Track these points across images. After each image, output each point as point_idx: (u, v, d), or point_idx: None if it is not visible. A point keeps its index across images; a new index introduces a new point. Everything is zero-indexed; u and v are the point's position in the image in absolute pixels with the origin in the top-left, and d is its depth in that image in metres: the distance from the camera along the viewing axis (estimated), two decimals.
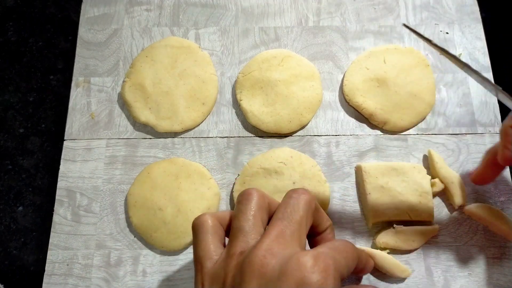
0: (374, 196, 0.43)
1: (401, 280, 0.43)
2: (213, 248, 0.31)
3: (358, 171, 0.46)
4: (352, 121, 0.48)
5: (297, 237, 0.30)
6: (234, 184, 0.45)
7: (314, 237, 0.35)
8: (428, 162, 0.46)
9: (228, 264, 0.29)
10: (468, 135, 0.48)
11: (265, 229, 0.31)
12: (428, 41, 0.38)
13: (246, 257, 0.28)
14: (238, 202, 0.32)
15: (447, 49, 0.50)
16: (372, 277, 0.43)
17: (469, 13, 0.52)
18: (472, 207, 0.43)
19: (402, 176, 0.44)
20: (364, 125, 0.48)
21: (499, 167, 0.41)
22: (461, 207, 0.44)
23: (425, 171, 0.45)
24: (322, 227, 0.34)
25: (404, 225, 0.43)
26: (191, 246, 0.44)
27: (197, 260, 0.31)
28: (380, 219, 0.43)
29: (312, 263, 0.27)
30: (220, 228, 0.33)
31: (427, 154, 0.47)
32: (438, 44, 0.38)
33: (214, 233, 0.32)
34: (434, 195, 0.44)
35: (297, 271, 0.26)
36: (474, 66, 0.50)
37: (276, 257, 0.27)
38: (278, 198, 0.43)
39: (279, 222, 0.30)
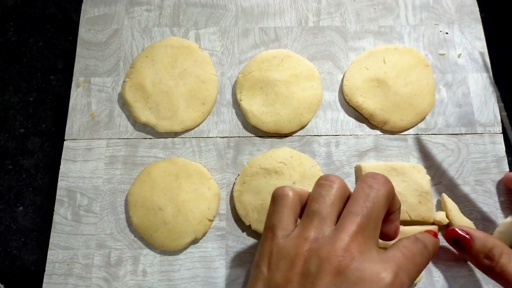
0: None
1: None
2: (288, 222, 0.31)
3: (358, 171, 0.46)
4: (352, 121, 0.49)
5: (374, 234, 0.30)
6: (234, 184, 0.46)
7: None
8: (441, 207, 0.46)
9: (301, 246, 0.28)
10: (467, 135, 0.48)
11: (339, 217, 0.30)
12: None
13: (324, 250, 0.28)
14: (319, 185, 0.32)
15: (447, 49, 0.51)
16: None
17: (469, 13, 0.53)
18: None
19: (401, 176, 0.44)
20: (364, 125, 0.48)
21: None
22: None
23: (424, 171, 0.45)
24: (392, 210, 0.33)
25: (404, 226, 0.43)
26: (191, 246, 0.44)
27: (270, 228, 0.31)
28: None
29: (391, 281, 0.27)
30: (298, 205, 0.32)
31: (426, 154, 0.47)
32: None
33: (292, 208, 0.32)
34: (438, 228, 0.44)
35: (374, 284, 0.26)
36: (473, 66, 0.50)
37: (355, 260, 0.27)
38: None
39: (359, 218, 0.29)
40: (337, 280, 0.27)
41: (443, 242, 0.43)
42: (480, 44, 0.51)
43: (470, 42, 0.51)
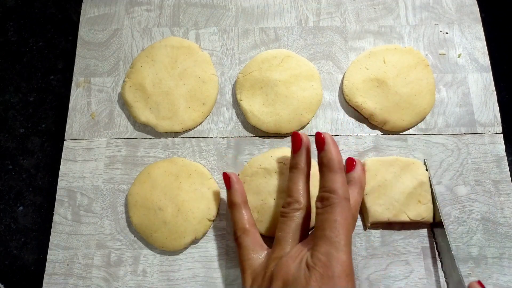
0: (372, 196, 0.44)
1: (400, 279, 0.43)
2: (256, 257, 0.39)
3: None
4: (352, 121, 0.49)
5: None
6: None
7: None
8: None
9: (269, 265, 0.37)
10: (467, 135, 0.48)
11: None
12: None
13: (278, 262, 0.36)
14: (281, 215, 0.39)
15: (447, 49, 0.51)
16: (372, 277, 0.43)
17: (469, 13, 0.53)
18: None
19: (402, 175, 0.44)
20: (364, 125, 0.48)
21: None
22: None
23: (423, 167, 0.45)
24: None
25: (402, 226, 0.43)
26: (191, 246, 0.44)
27: (243, 266, 0.39)
28: (378, 220, 0.43)
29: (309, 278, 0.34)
30: (258, 243, 0.40)
31: (426, 154, 0.47)
32: None
33: (255, 246, 0.40)
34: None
35: (304, 279, 0.34)
36: (474, 66, 0.50)
37: (294, 261, 0.35)
38: (279, 198, 0.43)
39: (323, 245, 0.34)
40: (284, 282, 0.35)
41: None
42: (479, 44, 0.51)
43: (470, 42, 0.51)
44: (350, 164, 0.43)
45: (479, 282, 0.36)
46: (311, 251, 0.34)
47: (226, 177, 0.43)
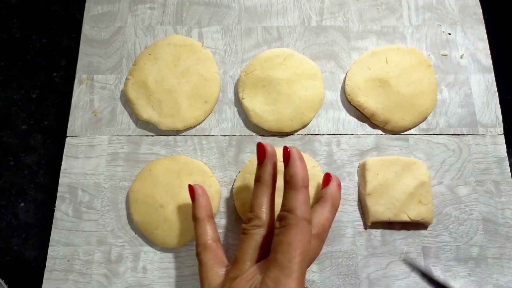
0: (373, 196, 0.44)
1: (400, 279, 0.43)
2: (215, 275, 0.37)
3: (362, 169, 0.46)
4: (354, 120, 0.49)
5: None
6: (235, 180, 0.46)
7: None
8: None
9: (224, 285, 0.35)
10: (469, 135, 0.48)
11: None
12: None
13: (233, 283, 0.34)
14: (242, 231, 0.36)
15: (449, 50, 0.51)
16: (372, 276, 0.43)
17: (472, 14, 0.53)
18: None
19: (403, 175, 0.44)
20: (366, 125, 0.48)
21: None
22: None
23: (425, 167, 0.45)
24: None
25: (403, 226, 0.43)
26: (192, 243, 0.44)
27: (201, 283, 0.37)
28: (378, 219, 0.43)
29: None
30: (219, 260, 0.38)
31: (428, 154, 0.47)
32: None
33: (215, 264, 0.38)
34: None
35: None
36: (476, 67, 0.50)
37: (247, 284, 0.33)
38: (278, 198, 0.43)
39: (274, 270, 0.32)
40: None
41: (443, 243, 0.44)
42: (482, 45, 0.51)
43: (473, 43, 0.51)
44: (326, 179, 0.41)
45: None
46: (263, 276, 0.32)
47: (191, 190, 0.41)
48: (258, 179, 0.38)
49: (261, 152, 0.38)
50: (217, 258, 0.38)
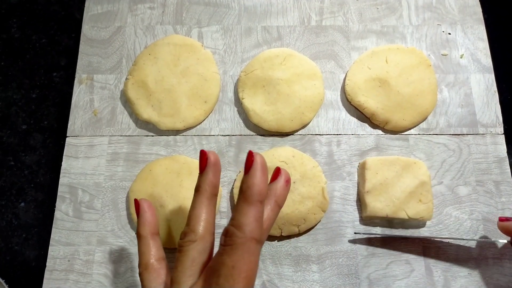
0: (372, 194, 0.44)
1: (400, 279, 0.43)
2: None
3: (362, 168, 0.46)
4: (354, 120, 0.49)
5: None
6: (235, 180, 0.46)
7: None
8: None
9: None
10: (469, 135, 0.48)
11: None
12: None
13: None
14: (179, 252, 0.33)
15: (449, 49, 0.51)
16: (372, 276, 0.43)
17: (472, 14, 0.53)
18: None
19: (403, 175, 0.44)
20: (366, 125, 0.48)
21: None
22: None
23: (425, 167, 0.45)
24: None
25: (403, 226, 0.43)
26: None
27: None
28: (376, 215, 0.43)
29: None
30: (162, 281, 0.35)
31: (428, 154, 0.47)
32: None
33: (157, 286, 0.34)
34: None
35: None
36: (476, 67, 0.50)
37: None
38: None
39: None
40: None
41: (443, 243, 0.44)
42: (482, 45, 0.51)
43: (473, 43, 0.51)
44: (275, 174, 0.35)
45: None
46: None
47: (136, 204, 0.37)
48: (196, 188, 0.34)
49: (203, 160, 0.34)
50: (159, 278, 0.34)
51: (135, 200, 0.38)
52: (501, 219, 0.42)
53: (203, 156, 0.34)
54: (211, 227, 0.33)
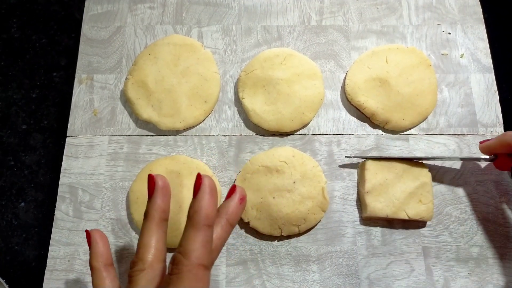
0: (372, 194, 0.44)
1: (400, 279, 0.43)
2: None
3: (361, 168, 0.46)
4: (354, 120, 0.49)
5: None
6: (235, 180, 0.46)
7: None
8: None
9: None
10: (469, 135, 0.48)
11: None
12: None
13: None
14: (129, 282, 0.32)
15: (449, 49, 0.51)
16: (372, 276, 0.43)
17: (472, 13, 0.52)
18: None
19: (403, 175, 0.44)
20: (366, 125, 0.48)
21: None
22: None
23: (427, 168, 0.45)
24: None
25: (403, 226, 0.43)
26: None
27: None
28: (376, 215, 0.43)
29: None
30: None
31: (428, 154, 0.47)
32: None
33: None
34: None
35: None
36: (476, 66, 0.50)
37: None
38: (278, 197, 0.43)
39: None
40: None
41: (443, 243, 0.44)
42: (482, 44, 0.51)
43: (473, 42, 0.51)
44: (230, 192, 0.34)
45: None
46: None
47: (87, 236, 0.36)
48: (144, 215, 0.33)
49: (151, 185, 0.33)
50: None
51: (86, 231, 0.36)
52: (481, 142, 0.44)
53: (151, 181, 0.33)
54: (161, 254, 0.32)
